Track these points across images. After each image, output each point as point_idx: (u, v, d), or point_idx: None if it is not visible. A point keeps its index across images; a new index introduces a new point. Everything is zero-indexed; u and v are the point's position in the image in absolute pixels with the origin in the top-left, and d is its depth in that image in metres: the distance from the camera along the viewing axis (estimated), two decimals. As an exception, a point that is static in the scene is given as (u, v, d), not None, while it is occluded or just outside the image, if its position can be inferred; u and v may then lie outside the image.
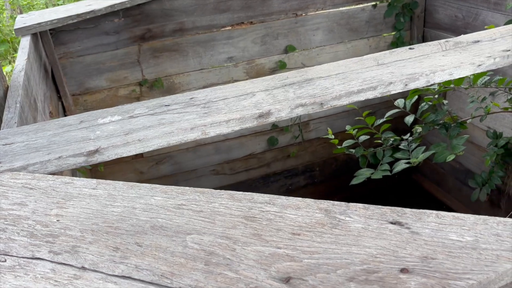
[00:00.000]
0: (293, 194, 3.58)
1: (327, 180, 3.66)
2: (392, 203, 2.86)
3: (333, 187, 3.71)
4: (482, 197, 2.97)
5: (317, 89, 1.18)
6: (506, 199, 2.93)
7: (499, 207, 3.02)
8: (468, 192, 3.29)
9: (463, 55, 1.30)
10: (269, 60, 3.15)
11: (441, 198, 3.66)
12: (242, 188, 3.39)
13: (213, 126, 1.08)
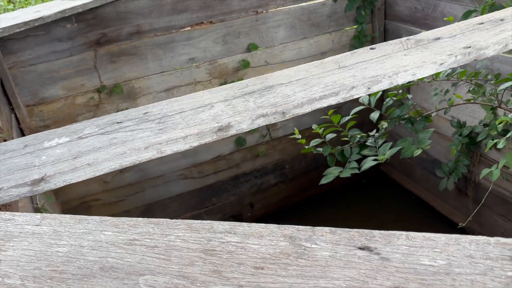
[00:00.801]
0: (264, 193, 3.54)
1: (298, 177, 3.64)
2: (361, 195, 2.84)
3: (304, 183, 3.69)
4: (449, 186, 3.01)
5: (278, 97, 1.12)
6: (472, 187, 2.97)
7: (466, 195, 3.06)
8: (436, 181, 3.32)
9: (425, 53, 1.27)
10: (231, 59, 3.08)
11: (409, 188, 3.70)
12: (212, 191, 3.33)
13: (169, 143, 1.02)
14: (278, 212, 3.66)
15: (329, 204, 3.74)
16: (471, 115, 2.81)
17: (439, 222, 3.38)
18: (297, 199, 3.71)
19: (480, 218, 3.03)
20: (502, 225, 2.84)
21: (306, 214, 3.66)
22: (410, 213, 3.56)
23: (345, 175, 2.10)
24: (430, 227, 3.36)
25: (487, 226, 2.99)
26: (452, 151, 2.73)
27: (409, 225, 3.44)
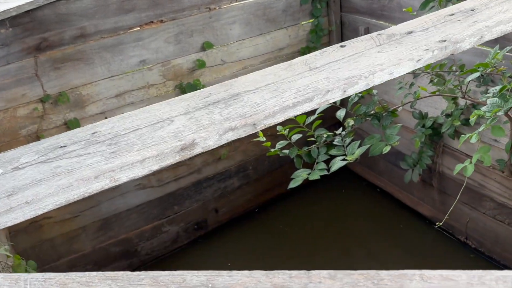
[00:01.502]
0: (228, 197, 3.41)
1: (262, 178, 3.53)
2: (326, 190, 2.73)
3: (269, 184, 3.58)
4: (414, 178, 2.99)
5: (246, 107, 1.00)
6: (437, 177, 2.97)
7: (431, 186, 3.06)
8: (400, 173, 3.31)
9: (400, 49, 1.18)
10: (186, 59, 2.92)
11: (373, 181, 3.67)
12: (173, 199, 3.16)
13: (124, 169, 0.87)
14: (244, 215, 3.55)
15: (295, 202, 3.66)
16: (433, 106, 2.79)
17: (406, 214, 3.37)
18: (263, 200, 3.61)
19: (445, 208, 3.04)
20: (467, 213, 2.85)
21: (273, 215, 3.56)
22: (376, 206, 3.54)
23: (314, 178, 2.01)
24: (397, 220, 3.35)
25: (452, 215, 3.00)
26: (416, 143, 2.70)
27: (376, 219, 3.42)
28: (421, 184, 3.15)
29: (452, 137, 2.67)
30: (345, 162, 1.93)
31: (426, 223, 3.25)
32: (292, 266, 3.13)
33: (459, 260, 2.93)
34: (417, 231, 3.23)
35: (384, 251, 3.16)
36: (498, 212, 2.64)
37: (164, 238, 3.24)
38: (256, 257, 3.24)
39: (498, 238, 2.72)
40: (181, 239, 3.31)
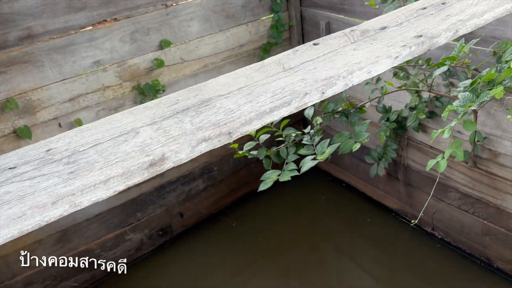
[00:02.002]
0: (194, 200, 3.30)
1: (227, 178, 3.44)
2: (292, 187, 2.65)
3: (234, 184, 3.50)
4: (380, 172, 2.99)
5: (220, 114, 0.91)
6: (403, 170, 2.99)
7: (397, 179, 3.08)
8: (366, 167, 3.31)
9: (376, 46, 1.12)
10: (143, 59, 2.78)
11: (339, 176, 3.67)
12: (135, 205, 3.03)
13: (86, 191, 0.76)
14: (210, 217, 3.45)
15: (262, 201, 3.60)
16: (396, 100, 2.79)
17: (372, 208, 3.38)
18: (229, 201, 3.52)
19: (411, 200, 3.07)
20: (433, 205, 2.89)
21: (240, 216, 3.49)
22: (342, 201, 3.54)
23: (285, 179, 1.94)
24: (363, 214, 3.35)
25: (418, 206, 3.03)
26: (381, 137, 2.70)
27: (343, 214, 3.41)
28: (387, 177, 3.16)
29: (417, 130, 2.68)
30: (316, 162, 1.88)
31: (393, 216, 3.27)
32: (262, 265, 3.08)
33: (426, 250, 2.96)
34: (384, 224, 3.25)
35: (352, 245, 3.16)
36: (463, 202, 2.68)
37: (127, 247, 3.10)
38: (224, 258, 3.16)
39: (463, 227, 2.76)
40: (145, 246, 3.18)
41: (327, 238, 3.27)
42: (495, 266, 2.69)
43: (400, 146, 2.91)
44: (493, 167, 2.40)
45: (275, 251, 3.16)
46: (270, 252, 3.15)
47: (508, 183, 2.36)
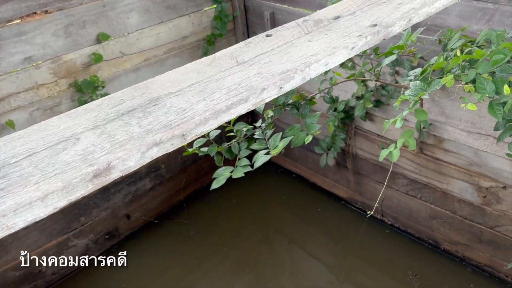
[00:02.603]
0: (141, 200, 3.17)
1: (175, 176, 3.33)
2: (242, 181, 2.59)
3: (183, 181, 3.40)
4: (330, 162, 3.00)
5: (171, 114, 0.83)
6: (351, 159, 3.01)
7: (346, 168, 3.11)
8: (315, 158, 3.32)
9: (331, 37, 1.08)
10: (79, 54, 2.60)
11: (289, 168, 3.66)
12: (78, 209, 2.85)
13: (20, 211, 0.66)
14: (159, 217, 3.33)
15: (212, 197, 3.52)
16: (343, 89, 2.80)
17: (322, 197, 3.40)
18: (178, 199, 3.41)
19: (360, 188, 3.11)
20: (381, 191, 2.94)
21: (190, 213, 3.39)
22: (293, 192, 3.53)
23: (238, 175, 1.88)
24: (314, 204, 3.37)
25: (367, 194, 3.08)
26: (330, 128, 2.70)
27: (294, 205, 3.41)
28: (336, 166, 3.19)
29: (364, 119, 2.71)
30: (269, 157, 1.83)
31: (343, 204, 3.31)
32: (214, 262, 3.01)
33: (376, 236, 3.02)
34: (334, 213, 3.28)
35: (303, 235, 3.16)
36: (411, 188, 2.75)
37: (71, 253, 2.92)
38: (176, 259, 3.06)
39: (411, 212, 2.84)
40: (91, 251, 3.01)
41: (279, 230, 3.26)
42: (442, 248, 2.79)
43: (348, 135, 2.93)
44: (439, 152, 2.47)
45: (227, 247, 3.10)
46: (223, 247, 3.09)
47: (452, 167, 2.44)
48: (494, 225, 2.42)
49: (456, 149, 2.37)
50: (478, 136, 2.23)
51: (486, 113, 2.14)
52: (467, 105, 1.32)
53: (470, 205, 2.48)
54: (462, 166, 2.40)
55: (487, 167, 2.28)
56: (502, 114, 1.31)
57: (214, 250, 3.08)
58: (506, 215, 2.33)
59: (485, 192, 2.36)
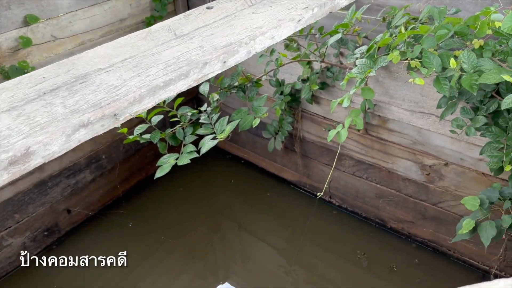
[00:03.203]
0: (81, 193, 3.00)
1: (118, 166, 3.18)
2: (190, 169, 2.50)
3: (126, 171, 3.25)
4: (278, 146, 2.98)
5: (101, 92, 0.74)
6: (299, 143, 3.00)
7: (294, 151, 3.09)
8: (263, 142, 3.28)
9: (276, 9, 1.02)
10: (5, 37, 2.39)
11: (237, 153, 3.61)
12: (12, 206, 2.64)
13: None
14: (102, 210, 3.17)
15: (158, 186, 3.40)
16: (288, 72, 2.76)
17: (271, 182, 3.38)
18: (122, 191, 3.27)
19: (308, 171, 3.11)
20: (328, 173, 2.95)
21: (136, 205, 3.26)
22: (242, 178, 3.48)
23: (184, 162, 1.80)
24: (263, 189, 3.34)
25: (315, 177, 3.09)
26: (277, 111, 2.66)
27: (243, 190, 3.36)
28: (284, 150, 3.16)
29: (310, 102, 2.69)
30: (216, 141, 1.76)
31: (291, 188, 3.30)
32: (163, 253, 2.91)
33: (325, 218, 3.04)
34: (283, 197, 3.27)
35: (254, 220, 3.13)
36: (357, 169, 2.78)
37: (7, 253, 2.72)
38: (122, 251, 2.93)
39: (358, 193, 2.87)
40: (29, 250, 2.82)
41: (229, 216, 3.20)
42: (389, 226, 2.85)
43: (295, 118, 2.91)
44: (383, 132, 2.50)
45: (176, 236, 3.01)
46: (171, 238, 3.00)
47: (397, 147, 2.48)
48: (437, 201, 2.50)
49: (400, 128, 2.41)
50: (421, 115, 2.27)
51: (428, 92, 2.19)
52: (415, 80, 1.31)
53: (414, 183, 2.54)
54: (406, 145, 2.45)
55: (430, 145, 2.34)
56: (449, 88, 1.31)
57: (162, 241, 2.98)
58: (448, 191, 2.41)
59: (429, 170, 2.42)
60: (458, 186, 2.35)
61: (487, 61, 1.24)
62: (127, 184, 3.28)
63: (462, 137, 2.14)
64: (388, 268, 2.67)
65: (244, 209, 3.24)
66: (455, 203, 2.42)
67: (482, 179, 2.23)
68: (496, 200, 1.87)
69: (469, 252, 2.56)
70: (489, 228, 1.72)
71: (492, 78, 1.14)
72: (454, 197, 2.40)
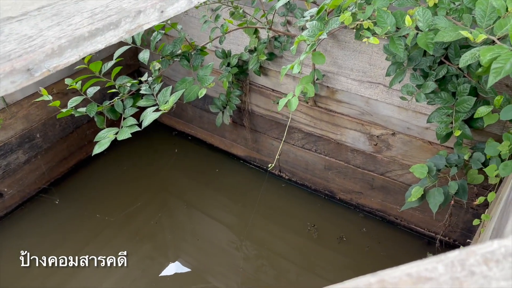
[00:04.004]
0: (15, 175, 2.77)
1: (55, 146, 2.97)
2: (134, 147, 2.37)
3: (65, 151, 3.05)
4: (226, 120, 2.89)
5: (10, 43, 0.61)
6: (248, 117, 2.92)
7: (242, 126, 3.01)
8: (210, 117, 3.18)
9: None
10: None
11: (184, 130, 3.49)
12: None
13: None
14: (40, 192, 2.97)
15: (102, 166, 3.23)
16: (235, 43, 2.66)
17: (220, 158, 3.30)
18: (60, 171, 3.06)
19: (258, 145, 3.05)
20: (278, 147, 2.91)
21: (75, 186, 3.08)
22: (189, 154, 3.38)
23: (124, 137, 1.67)
24: (212, 165, 3.26)
25: (265, 151, 3.04)
26: (224, 84, 2.56)
27: (191, 168, 3.26)
28: (233, 125, 3.08)
29: (258, 74, 2.61)
30: (159, 113, 1.64)
31: (241, 163, 3.24)
32: (108, 236, 2.77)
33: (275, 192, 3.01)
34: (233, 172, 3.20)
35: (203, 198, 3.05)
36: (306, 142, 2.75)
37: None
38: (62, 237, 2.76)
39: (308, 165, 2.86)
40: (-43, 239, 2.59)
41: (177, 195, 3.10)
42: (338, 198, 2.87)
43: (243, 91, 2.82)
44: (332, 104, 2.48)
45: (122, 217, 2.87)
46: (117, 219, 2.86)
47: (345, 118, 2.46)
48: (384, 171, 2.52)
49: (348, 99, 2.39)
50: (369, 85, 2.25)
51: (376, 61, 2.17)
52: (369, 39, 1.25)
53: (362, 154, 2.54)
54: (354, 116, 2.43)
55: (378, 115, 2.34)
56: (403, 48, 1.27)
57: (106, 223, 2.84)
58: (395, 160, 2.43)
59: (376, 140, 2.43)
60: (405, 155, 2.38)
61: (442, 19, 1.20)
62: (66, 164, 3.08)
63: (409, 106, 2.15)
64: (337, 239, 2.69)
65: (193, 187, 3.14)
66: (402, 172, 2.46)
67: (428, 148, 2.26)
68: (443, 168, 1.89)
69: (416, 220, 2.62)
70: (437, 195, 1.74)
71: (449, 35, 1.10)
72: (401, 166, 2.43)
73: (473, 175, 1.84)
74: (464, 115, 1.57)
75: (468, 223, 2.41)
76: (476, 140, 2.02)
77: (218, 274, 2.59)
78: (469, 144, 2.04)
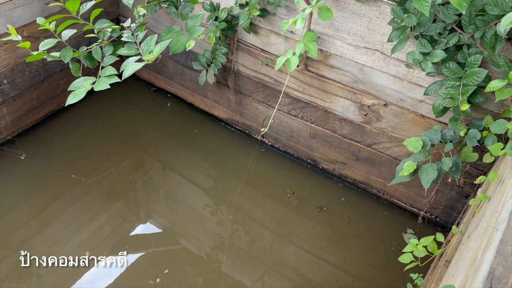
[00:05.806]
0: (-22, 123, 2.57)
1: (24, 93, 2.76)
2: (109, 99, 2.21)
3: (34, 100, 2.84)
4: (210, 79, 2.73)
5: None
6: (233, 77, 2.77)
7: (227, 86, 2.86)
8: (193, 75, 3.01)
9: None
10: None
11: (164, 87, 3.31)
12: None
13: None
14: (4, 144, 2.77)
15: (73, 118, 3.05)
16: (224, -4, 2.48)
17: (201, 119, 3.16)
18: (29, 122, 2.87)
19: (241, 108, 2.92)
20: (263, 112, 2.79)
21: (44, 139, 2.89)
22: (167, 113, 3.22)
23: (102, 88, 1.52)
24: (191, 126, 3.12)
25: (248, 115, 2.91)
26: (210, 39, 2.39)
27: (169, 127, 3.11)
28: (216, 85, 2.93)
29: (248, 31, 2.45)
30: (142, 64, 1.49)
31: (222, 125, 3.11)
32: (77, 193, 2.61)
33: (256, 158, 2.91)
34: (213, 135, 3.08)
35: (179, 158, 2.92)
36: (293, 107, 2.63)
37: None
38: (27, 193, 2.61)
39: (292, 132, 2.75)
40: None
41: (153, 154, 2.96)
42: (320, 167, 2.79)
43: (230, 49, 2.65)
44: (324, 69, 2.35)
45: (93, 175, 2.73)
46: (88, 176, 2.71)
47: (336, 85, 2.35)
48: (372, 143, 2.45)
49: (342, 65, 2.27)
50: (365, 51, 2.13)
51: (376, 25, 2.04)
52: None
53: (350, 124, 2.45)
54: (346, 83, 2.32)
55: (371, 84, 2.23)
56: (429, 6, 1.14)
57: (76, 180, 2.69)
58: (384, 132, 2.35)
59: (367, 110, 2.34)
60: (395, 127, 2.30)
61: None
62: (36, 115, 2.89)
63: (406, 76, 2.05)
64: (318, 208, 2.63)
65: (170, 147, 3.00)
66: (390, 145, 2.38)
67: (420, 121, 2.19)
68: (437, 143, 1.82)
69: (399, 194, 2.58)
70: (430, 171, 1.67)
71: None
72: (390, 139, 2.36)
73: (468, 152, 1.78)
74: (472, 88, 1.48)
75: (451, 200, 2.38)
76: (471, 117, 1.95)
77: (191, 236, 2.50)
78: (464, 120, 1.96)
